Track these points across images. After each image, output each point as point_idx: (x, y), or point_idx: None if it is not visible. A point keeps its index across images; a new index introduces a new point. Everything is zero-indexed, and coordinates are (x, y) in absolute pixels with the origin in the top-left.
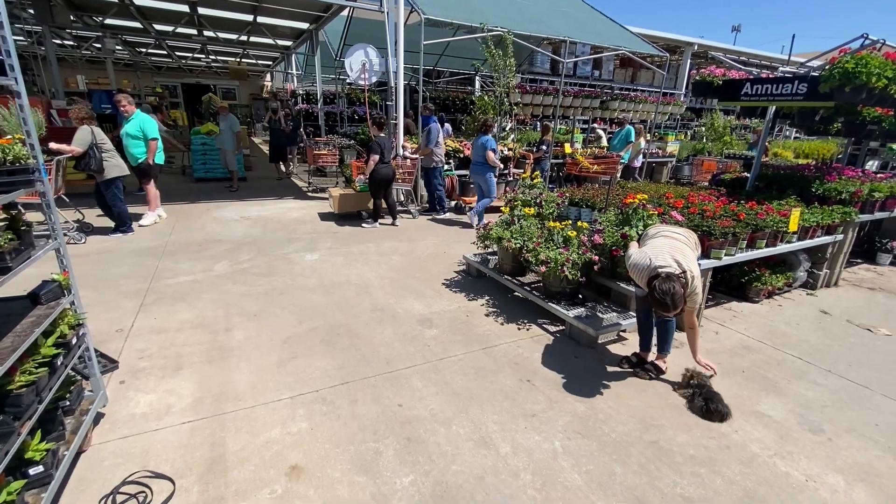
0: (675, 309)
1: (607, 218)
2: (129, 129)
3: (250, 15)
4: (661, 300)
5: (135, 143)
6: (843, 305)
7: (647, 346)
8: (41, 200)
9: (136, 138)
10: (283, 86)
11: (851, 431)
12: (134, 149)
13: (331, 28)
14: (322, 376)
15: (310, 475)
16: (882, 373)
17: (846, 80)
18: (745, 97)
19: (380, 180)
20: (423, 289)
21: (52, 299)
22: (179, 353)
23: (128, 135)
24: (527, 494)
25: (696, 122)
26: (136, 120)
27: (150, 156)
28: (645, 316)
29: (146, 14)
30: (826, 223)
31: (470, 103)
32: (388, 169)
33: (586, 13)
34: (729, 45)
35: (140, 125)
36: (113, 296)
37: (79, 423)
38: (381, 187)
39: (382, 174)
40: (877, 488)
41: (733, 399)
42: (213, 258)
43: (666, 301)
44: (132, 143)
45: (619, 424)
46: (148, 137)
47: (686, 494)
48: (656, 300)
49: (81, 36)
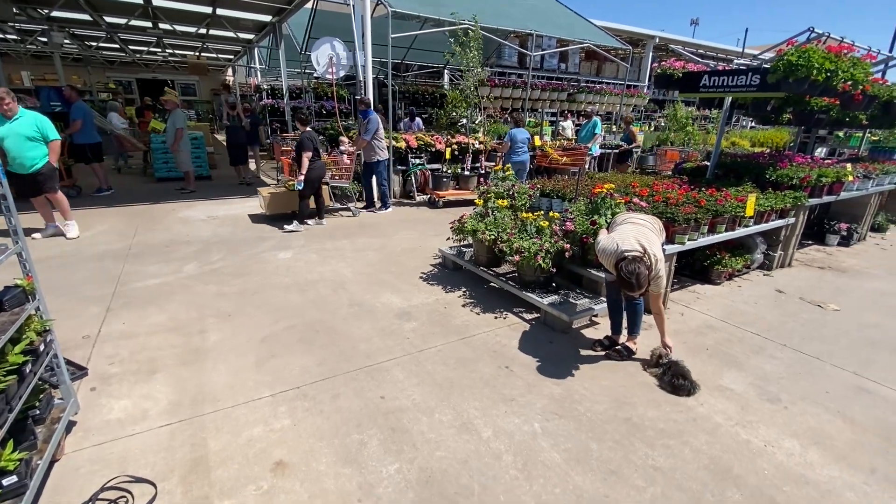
0: (640, 289)
1: (577, 207)
2: (21, 129)
3: (209, 7)
4: (628, 280)
5: (31, 145)
6: (797, 284)
7: (617, 330)
8: (2, 204)
9: (33, 140)
10: (247, 80)
11: (805, 399)
12: (28, 151)
13: (294, 21)
14: (302, 373)
15: (295, 470)
16: (832, 345)
17: (790, 71)
18: (703, 89)
19: (315, 178)
20: (400, 283)
21: (17, 305)
22: (153, 357)
23: (20, 136)
24: (509, 474)
25: (660, 113)
26: (30, 119)
27: (53, 158)
28: (615, 301)
29: (96, 6)
30: (779, 207)
31: (441, 97)
32: (322, 166)
33: (551, 6)
34: (688, 38)
35: (37, 124)
36: (76, 301)
37: (50, 432)
38: (315, 186)
39: (318, 172)
40: (828, 449)
41: (699, 375)
42: (182, 259)
43: (632, 281)
44: (27, 145)
45: (594, 404)
46: (49, 139)
47: (657, 465)
48: (623, 280)
49: (26, 30)
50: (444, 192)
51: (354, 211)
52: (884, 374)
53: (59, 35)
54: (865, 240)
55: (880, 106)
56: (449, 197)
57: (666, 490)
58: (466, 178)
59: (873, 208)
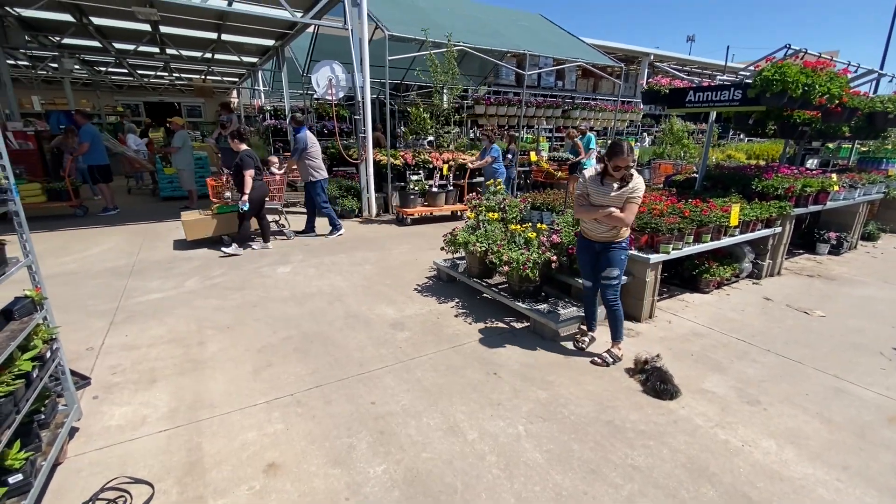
0: (631, 153)
1: (564, 219)
2: None
3: (214, 33)
4: (619, 143)
5: None
6: (785, 292)
7: (591, 327)
8: (15, 220)
9: None
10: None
11: (784, 401)
12: None
13: (297, 44)
14: (297, 381)
15: (286, 471)
16: (814, 349)
17: (767, 86)
18: (689, 104)
19: (258, 199)
20: (395, 295)
21: (26, 314)
22: (153, 368)
23: None
24: (492, 473)
25: (656, 127)
26: None
27: None
28: (590, 300)
29: (106, 33)
30: (765, 217)
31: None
32: (263, 185)
33: (545, 27)
34: (683, 55)
35: None
36: (82, 315)
37: (54, 436)
38: (258, 207)
39: (261, 191)
40: (803, 448)
41: (683, 380)
42: (184, 275)
43: (622, 144)
44: None
45: (578, 407)
46: None
47: (636, 464)
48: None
49: (37, 56)
50: (412, 210)
51: (289, 234)
52: (863, 377)
53: (69, 61)
54: (856, 248)
55: (864, 118)
56: (416, 214)
57: (643, 487)
58: (434, 195)
59: (862, 217)
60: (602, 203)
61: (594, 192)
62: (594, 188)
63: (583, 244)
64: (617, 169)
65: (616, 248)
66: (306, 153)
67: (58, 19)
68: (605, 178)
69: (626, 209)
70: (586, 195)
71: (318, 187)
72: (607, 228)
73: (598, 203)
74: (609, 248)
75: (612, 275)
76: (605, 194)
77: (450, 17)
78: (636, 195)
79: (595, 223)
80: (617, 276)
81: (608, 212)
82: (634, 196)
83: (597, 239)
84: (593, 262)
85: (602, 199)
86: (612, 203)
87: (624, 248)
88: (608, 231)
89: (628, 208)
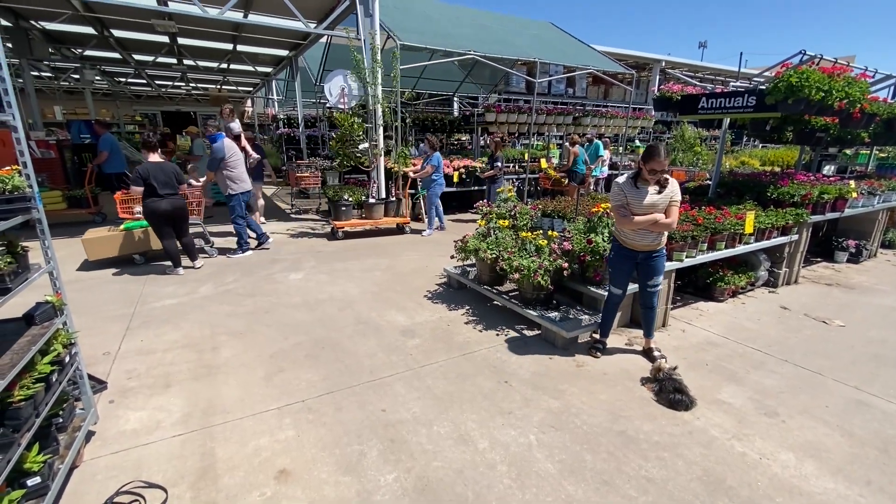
0: (668, 157)
1: (575, 227)
2: None
3: (230, 44)
4: (655, 147)
5: None
6: (802, 301)
7: (606, 334)
8: (38, 227)
9: None
10: (265, 110)
11: (803, 413)
12: None
13: (310, 54)
14: (308, 387)
15: (297, 478)
16: (834, 360)
17: (790, 92)
18: (702, 111)
19: (159, 216)
20: (406, 302)
21: (46, 320)
22: (167, 373)
23: None
24: (503, 483)
25: (668, 134)
26: None
27: None
28: (613, 309)
29: (126, 45)
30: (780, 224)
31: (449, 123)
32: (166, 202)
33: (555, 35)
34: (695, 61)
35: None
36: (99, 321)
37: (72, 439)
38: (162, 225)
39: (160, 209)
40: (824, 462)
41: (697, 390)
42: (198, 281)
43: (658, 147)
44: None
45: (591, 417)
46: None
47: (650, 476)
48: (650, 151)
49: (59, 67)
50: (344, 223)
51: (210, 251)
52: (886, 389)
53: (90, 72)
54: (876, 256)
55: (883, 124)
56: (348, 228)
57: (657, 500)
58: (371, 207)
59: (882, 224)
60: (644, 211)
61: (634, 201)
62: (633, 196)
63: (623, 253)
64: (653, 172)
65: (658, 256)
66: (225, 163)
67: (80, 32)
68: (638, 181)
69: (670, 213)
70: (625, 205)
71: (232, 200)
72: (654, 237)
73: (640, 211)
74: (652, 256)
75: (657, 282)
76: (644, 200)
77: (460, 26)
78: (678, 198)
79: (641, 232)
80: (661, 282)
81: (654, 218)
82: (677, 200)
83: (641, 248)
84: (631, 270)
85: (643, 207)
86: (654, 209)
87: (665, 254)
88: (655, 239)
89: (672, 212)
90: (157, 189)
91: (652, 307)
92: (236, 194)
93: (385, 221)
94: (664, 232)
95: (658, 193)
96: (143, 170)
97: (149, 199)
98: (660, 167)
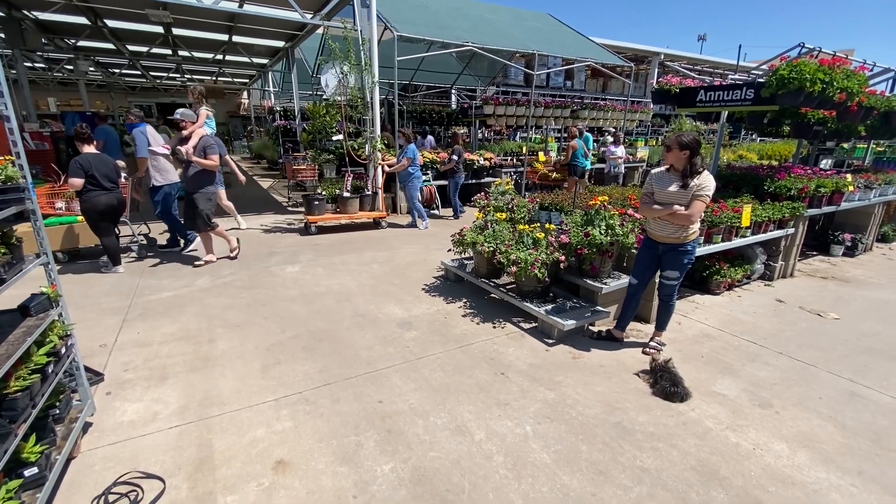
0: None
1: (573, 219)
2: None
3: (225, 35)
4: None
5: None
6: (798, 294)
7: (622, 326)
8: (31, 218)
9: None
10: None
11: (797, 405)
12: None
13: (306, 45)
14: (305, 379)
15: (294, 468)
16: (828, 352)
17: (782, 85)
18: (700, 104)
19: (101, 212)
20: (403, 294)
21: (41, 311)
22: (164, 365)
23: None
24: (499, 473)
25: (666, 127)
26: None
27: None
28: (630, 299)
29: (120, 36)
30: (777, 218)
31: (446, 115)
32: (109, 196)
33: (554, 27)
34: (694, 54)
35: None
36: (95, 313)
37: (69, 431)
38: (105, 221)
39: (103, 203)
40: (817, 452)
41: (693, 382)
42: (195, 274)
43: (672, 137)
44: None
45: (586, 408)
46: None
47: (644, 466)
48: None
49: (53, 58)
50: (317, 217)
51: (138, 252)
52: (879, 381)
53: (84, 63)
54: (872, 250)
55: (880, 117)
56: (322, 222)
57: (652, 490)
58: (346, 201)
59: (878, 218)
60: (666, 201)
61: (658, 190)
62: (658, 186)
63: (647, 243)
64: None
65: (681, 251)
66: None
67: (74, 22)
68: (670, 171)
69: (691, 205)
70: (651, 193)
71: (160, 193)
72: (674, 229)
73: (663, 201)
74: (674, 250)
75: (671, 276)
76: (668, 190)
77: (458, 18)
78: (703, 192)
79: (659, 223)
80: (675, 277)
81: (670, 210)
82: (702, 193)
83: (662, 240)
84: (651, 261)
85: (666, 197)
86: (677, 200)
87: (689, 251)
88: (675, 232)
89: (694, 205)
90: (100, 181)
91: (666, 300)
92: (163, 186)
93: (360, 216)
94: (686, 226)
95: (682, 186)
96: (84, 161)
97: (91, 193)
98: (666, 161)
